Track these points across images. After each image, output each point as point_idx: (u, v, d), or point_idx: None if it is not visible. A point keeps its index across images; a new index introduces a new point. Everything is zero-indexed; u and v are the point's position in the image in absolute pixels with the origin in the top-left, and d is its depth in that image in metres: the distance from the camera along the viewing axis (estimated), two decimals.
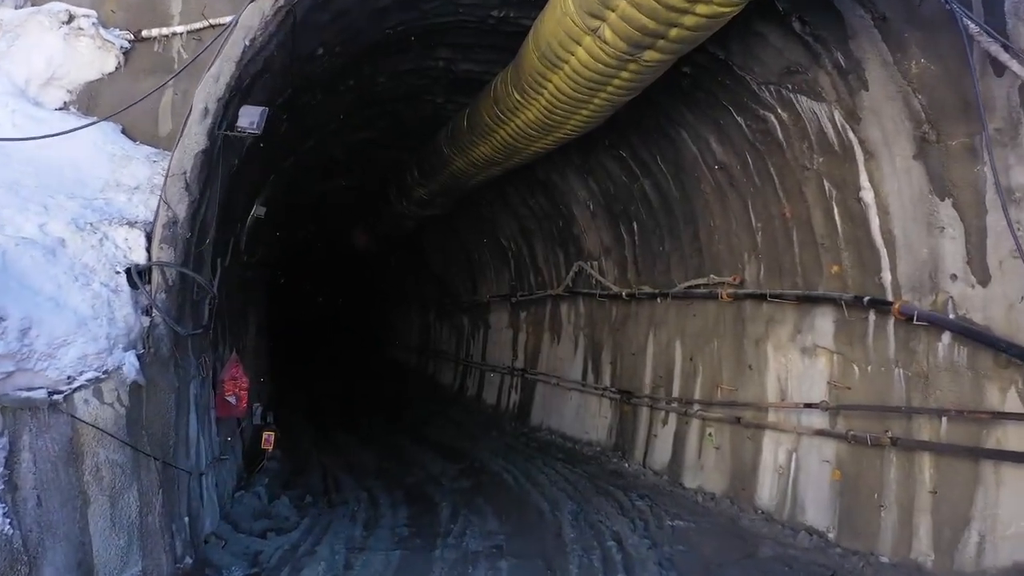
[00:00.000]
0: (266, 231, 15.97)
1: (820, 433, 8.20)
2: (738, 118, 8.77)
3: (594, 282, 13.59)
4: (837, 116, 7.44)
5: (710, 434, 10.06)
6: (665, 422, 11.18)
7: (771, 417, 9.04)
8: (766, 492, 8.99)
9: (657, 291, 11.45)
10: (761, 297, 9.15)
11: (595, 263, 13.57)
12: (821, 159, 7.88)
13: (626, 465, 11.81)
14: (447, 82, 11.62)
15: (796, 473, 8.56)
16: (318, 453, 13.71)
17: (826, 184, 7.90)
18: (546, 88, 8.43)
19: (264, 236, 15.19)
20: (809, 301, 8.42)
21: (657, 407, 11.39)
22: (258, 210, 11.73)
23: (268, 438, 11.27)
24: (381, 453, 13.59)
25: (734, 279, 9.61)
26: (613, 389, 12.84)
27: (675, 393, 11.01)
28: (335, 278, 46.62)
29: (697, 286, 10.47)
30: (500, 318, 19.10)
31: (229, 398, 8.56)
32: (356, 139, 14.05)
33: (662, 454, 11.12)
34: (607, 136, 11.30)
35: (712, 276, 10.04)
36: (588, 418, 13.73)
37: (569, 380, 14.61)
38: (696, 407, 10.39)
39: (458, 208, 18.66)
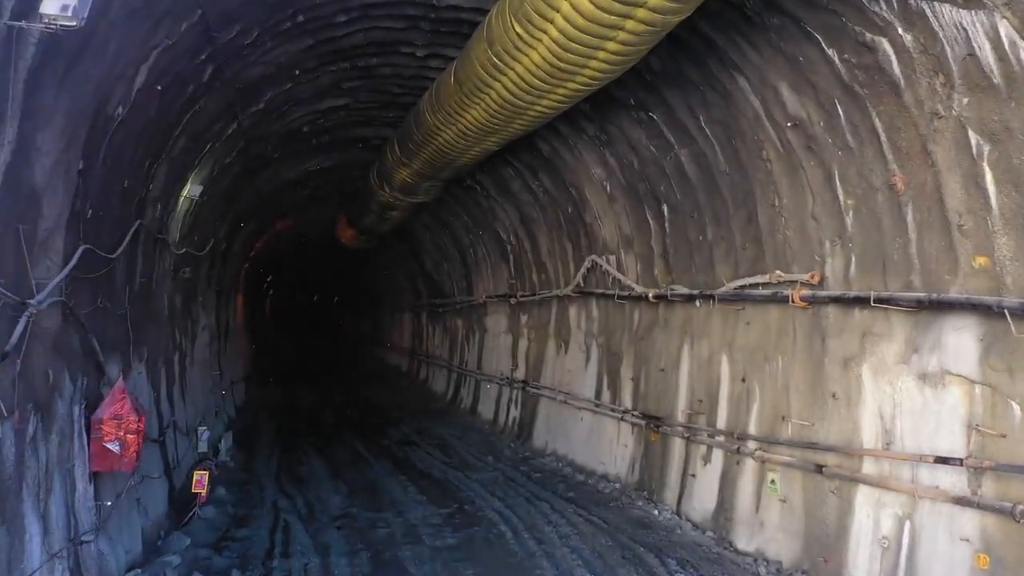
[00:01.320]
0: (226, 221, 13.34)
1: (955, 499, 5.57)
2: (828, 51, 6.13)
3: (611, 280, 10.97)
4: (1004, 30, 4.81)
5: (773, 482, 7.42)
6: (707, 460, 8.55)
7: (869, 468, 6.41)
8: (862, 569, 6.37)
9: (696, 292, 8.81)
10: (854, 301, 6.52)
11: (612, 257, 10.94)
12: (966, 100, 5.24)
13: (655, 512, 9.18)
14: (429, 25, 8.98)
15: (912, 550, 5.92)
16: (278, 486, 11.08)
17: (972, 136, 5.26)
18: (559, 11, 5.86)
19: (220, 226, 12.57)
20: (935, 308, 5.78)
21: (695, 439, 8.76)
22: (192, 190, 9.07)
23: (200, 480, 8.63)
24: (353, 488, 10.96)
25: (811, 277, 6.97)
26: (635, 412, 10.21)
27: (721, 423, 8.38)
28: (323, 277, 43.95)
29: (753, 286, 7.84)
30: (498, 321, 16.47)
31: (110, 445, 5.91)
32: (323, 108, 11.41)
33: (703, 501, 8.49)
34: (633, 93, 8.67)
35: (778, 273, 7.40)
36: (603, 445, 11.12)
37: (579, 397, 11.99)
38: (752, 444, 7.77)
39: (448, 196, 16.04)
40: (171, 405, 9.65)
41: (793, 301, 7.08)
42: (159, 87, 6.76)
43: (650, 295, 9.69)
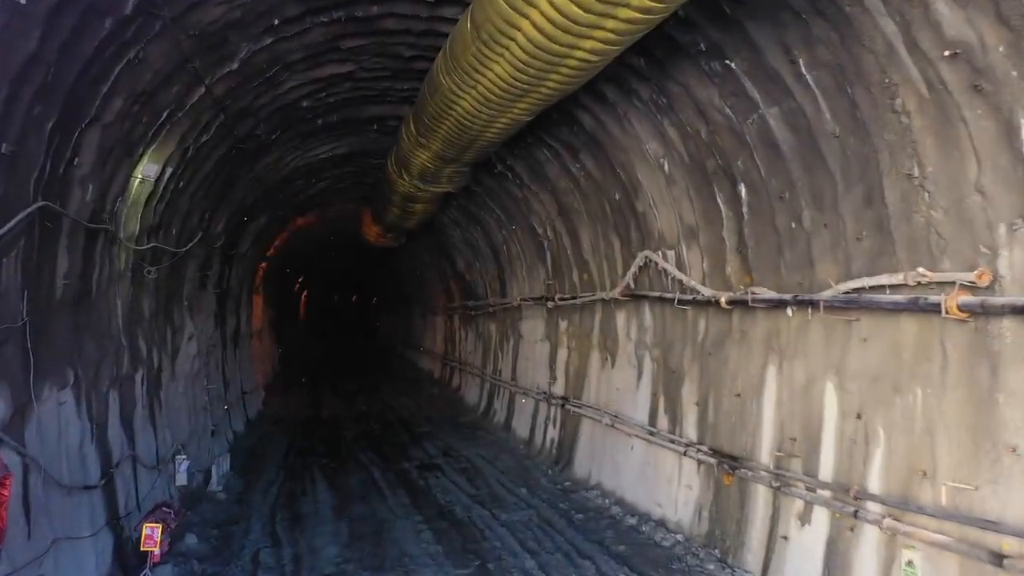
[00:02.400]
0: (222, 214, 11.43)
1: None
2: None
3: (669, 281, 8.80)
4: None
5: (910, 563, 5.20)
6: (805, 520, 6.34)
7: None
8: None
9: (787, 296, 6.60)
10: None
11: (670, 253, 8.76)
12: None
13: None
14: None
15: None
16: (268, 528, 9.13)
17: None
18: None
19: (213, 219, 10.66)
20: None
21: (787, 490, 6.55)
22: (146, 170, 7.12)
23: (151, 535, 6.68)
24: (357, 533, 8.95)
25: (980, 276, 4.74)
26: (702, 447, 8.03)
27: (824, 473, 6.17)
28: (358, 276, 42.24)
29: (876, 288, 5.61)
30: (534, 327, 14.36)
31: None
32: (323, 76, 9.42)
33: (802, 572, 6.29)
34: (703, 34, 6.51)
35: (919, 271, 5.17)
36: (660, 483, 8.95)
37: (629, 421, 9.83)
38: (875, 508, 5.56)
39: (478, 185, 13.98)
40: (128, 436, 7.72)
41: (947, 311, 4.84)
42: (61, 20, 4.80)
43: (721, 300, 7.49)
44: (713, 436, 7.89)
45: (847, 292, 5.87)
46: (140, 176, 7.31)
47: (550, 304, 12.79)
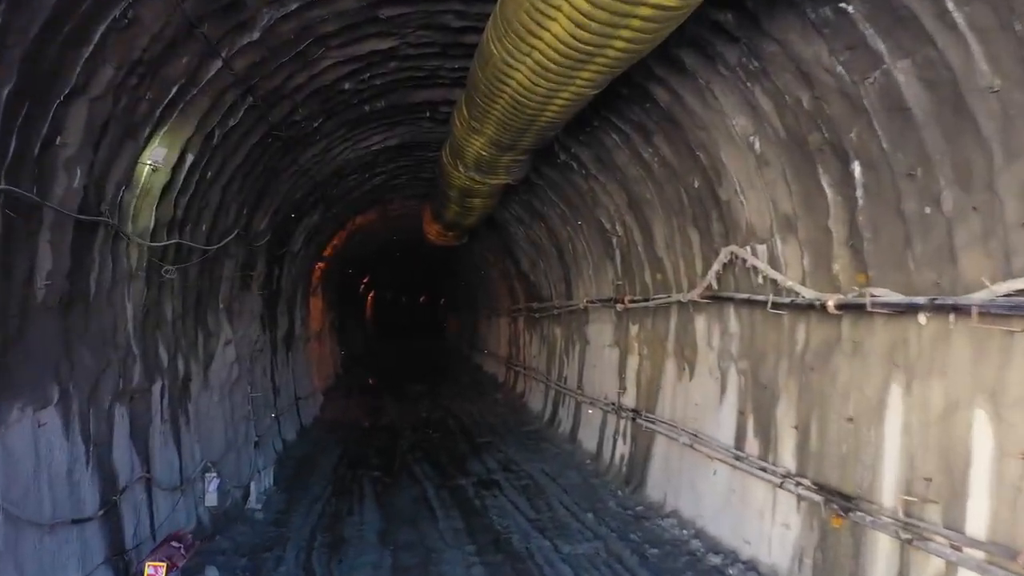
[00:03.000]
0: (265, 210, 10.49)
1: None
2: None
3: (760, 280, 7.43)
4: None
5: None
6: None
7: None
8: None
9: (923, 299, 5.19)
10: None
11: (761, 247, 7.39)
12: None
13: None
14: None
15: None
16: (302, 558, 8.13)
17: None
18: None
19: (254, 215, 9.71)
20: None
21: (922, 544, 5.15)
22: (154, 154, 6.16)
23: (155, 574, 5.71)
24: (401, 566, 7.89)
25: None
26: (803, 479, 6.65)
27: (975, 527, 4.75)
28: (426, 277, 41.48)
29: None
30: (601, 332, 13.08)
31: None
32: (362, 54, 8.36)
33: None
34: None
35: None
36: (749, 517, 7.59)
37: (711, 442, 8.49)
38: None
39: (539, 178, 12.79)
40: (141, 455, 6.79)
41: None
42: None
43: (828, 303, 6.10)
44: (817, 467, 6.51)
45: (1008, 294, 4.46)
46: (149, 162, 6.35)
47: (619, 307, 11.49)
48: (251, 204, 10.01)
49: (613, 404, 12.03)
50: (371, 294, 40.94)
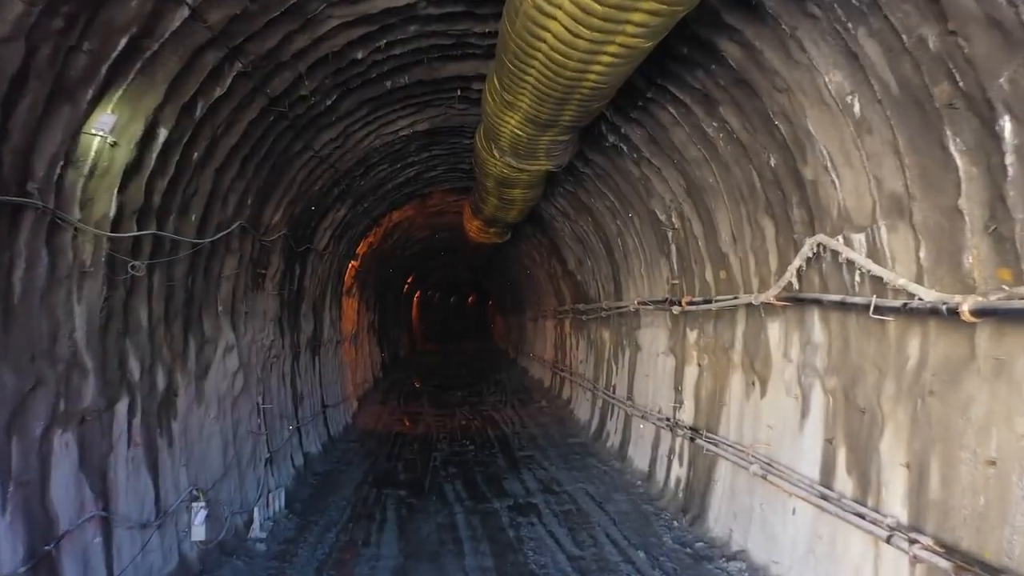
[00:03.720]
0: (276, 202, 9.08)
1: None
2: None
3: (857, 278, 5.88)
4: None
5: None
6: None
7: None
8: None
9: None
10: None
11: (858, 237, 5.83)
12: None
13: None
14: None
15: None
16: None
17: None
18: None
19: (259, 205, 8.36)
20: None
21: None
22: (99, 123, 4.92)
23: None
24: None
25: None
26: (921, 535, 5.08)
27: None
28: (474, 277, 40.22)
29: None
30: (655, 337, 11.57)
31: None
32: (374, 12, 7.05)
33: None
34: None
35: None
36: (841, 572, 6.05)
37: (789, 474, 6.95)
38: None
39: (585, 166, 11.38)
40: (95, 490, 5.56)
41: None
42: None
43: (963, 307, 4.54)
44: (940, 521, 4.95)
45: None
46: (97, 132, 5.12)
47: (675, 309, 9.98)
48: (258, 194, 8.79)
49: (668, 420, 10.52)
50: (417, 294, 39.90)
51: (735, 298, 8.16)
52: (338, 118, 9.30)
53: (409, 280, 32.09)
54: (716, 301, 8.67)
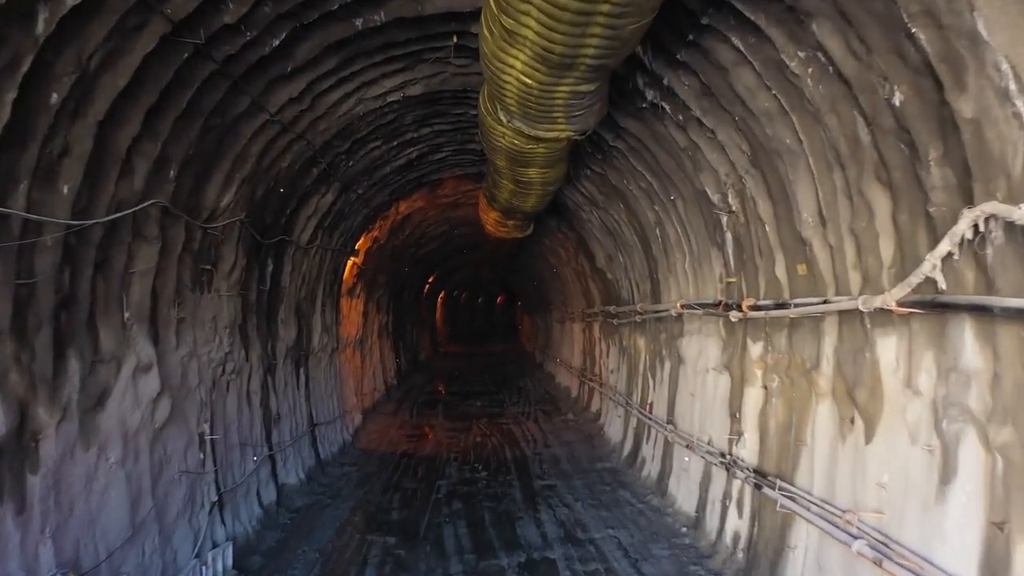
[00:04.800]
0: (230, 180, 6.79)
1: None
2: None
3: None
4: None
5: None
6: None
7: None
8: None
9: None
10: None
11: None
12: None
13: None
14: None
15: None
16: None
17: None
18: None
19: (198, 182, 6.14)
20: None
21: None
22: None
23: None
24: None
25: None
26: None
27: None
28: (501, 276, 37.94)
29: None
30: (703, 348, 9.20)
31: None
32: None
33: None
34: None
35: None
36: None
37: (922, 566, 4.59)
38: None
39: (616, 137, 9.10)
40: None
41: None
42: None
43: None
44: None
45: None
46: None
47: (733, 315, 7.63)
48: (188, 164, 6.62)
49: (722, 455, 8.18)
50: (441, 295, 37.79)
51: (824, 301, 5.80)
52: (296, 69, 7.10)
53: (430, 279, 29.97)
54: (795, 305, 6.31)
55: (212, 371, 7.92)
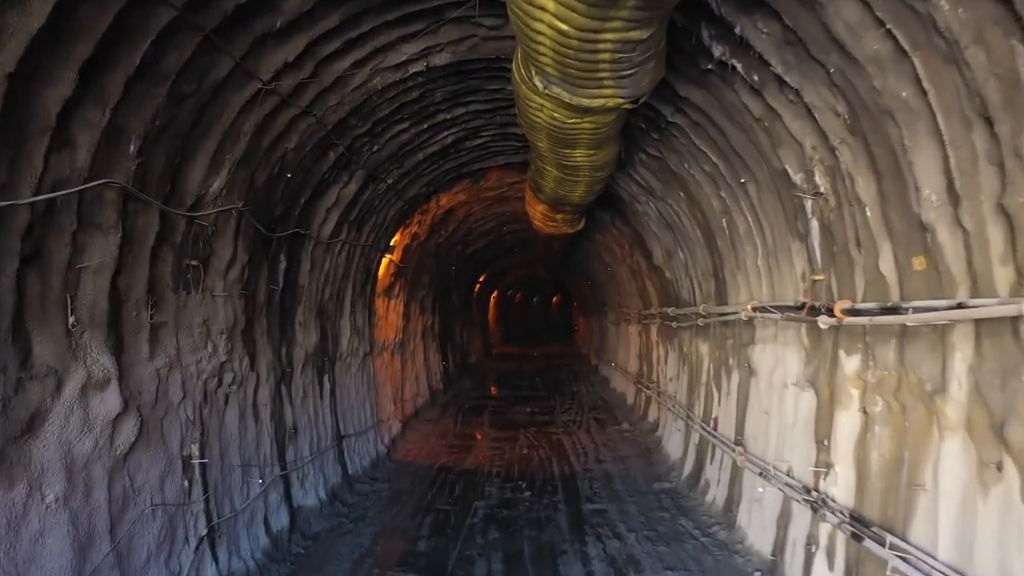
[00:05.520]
0: (229, 166, 5.55)
1: None
2: None
3: None
4: None
5: None
6: None
7: None
8: None
9: None
10: None
11: None
12: None
13: None
14: None
15: None
16: None
17: None
18: None
19: (183, 166, 4.98)
20: None
21: None
22: None
23: None
24: None
25: None
26: None
27: None
28: (558, 274, 36.48)
29: None
30: (779, 359, 7.68)
31: None
32: None
33: None
34: None
35: None
36: None
37: None
38: None
39: (675, 109, 7.67)
40: None
41: None
42: None
43: None
44: None
45: None
46: None
47: (821, 320, 6.12)
48: (156, 139, 5.47)
49: (806, 488, 6.67)
50: (494, 295, 36.59)
51: (958, 305, 4.29)
52: (289, 25, 5.89)
53: (481, 279, 28.76)
54: (908, 310, 4.80)
55: (203, 383, 6.78)
